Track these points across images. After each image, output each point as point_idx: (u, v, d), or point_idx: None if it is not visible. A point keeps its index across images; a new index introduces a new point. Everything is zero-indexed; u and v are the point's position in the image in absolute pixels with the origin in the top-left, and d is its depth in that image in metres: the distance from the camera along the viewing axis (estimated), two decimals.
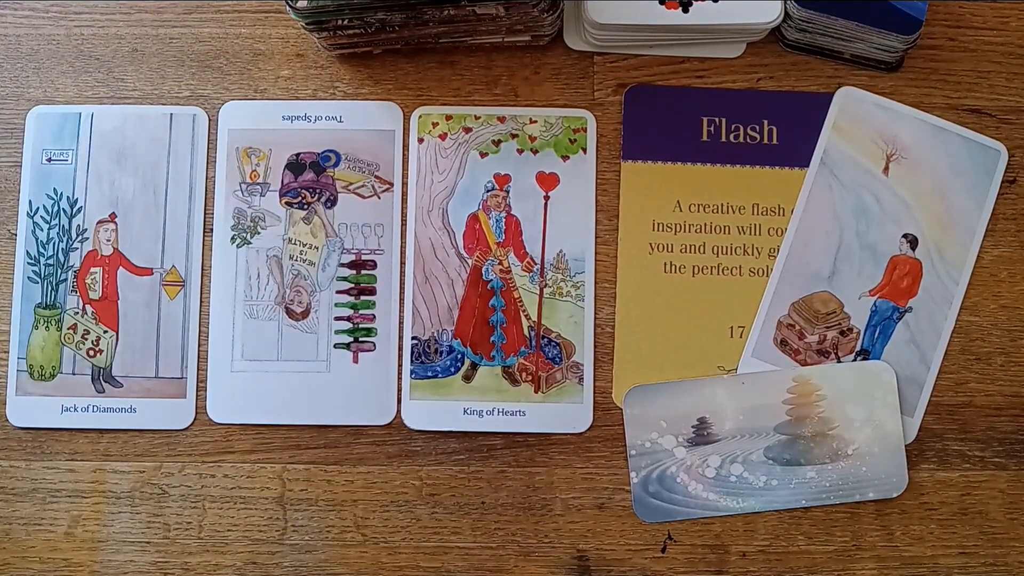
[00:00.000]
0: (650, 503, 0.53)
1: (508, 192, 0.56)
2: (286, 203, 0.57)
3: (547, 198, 0.56)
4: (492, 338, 0.55)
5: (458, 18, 0.52)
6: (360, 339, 0.56)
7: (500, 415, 0.55)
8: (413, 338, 0.55)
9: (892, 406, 0.53)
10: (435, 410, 0.55)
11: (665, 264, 0.56)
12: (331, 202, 0.56)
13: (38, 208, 0.57)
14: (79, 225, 0.56)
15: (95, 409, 0.55)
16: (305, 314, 0.56)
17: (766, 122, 0.57)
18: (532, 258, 0.56)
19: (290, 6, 0.50)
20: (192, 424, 0.55)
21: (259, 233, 0.56)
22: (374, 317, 0.56)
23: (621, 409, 0.54)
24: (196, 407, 0.55)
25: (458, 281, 0.56)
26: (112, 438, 0.55)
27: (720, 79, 0.57)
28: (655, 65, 0.57)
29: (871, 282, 0.55)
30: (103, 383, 0.55)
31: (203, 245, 0.56)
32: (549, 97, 0.57)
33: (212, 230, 0.56)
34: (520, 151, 0.57)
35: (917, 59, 0.57)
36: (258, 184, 0.57)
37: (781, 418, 0.53)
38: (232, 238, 0.56)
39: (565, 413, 0.55)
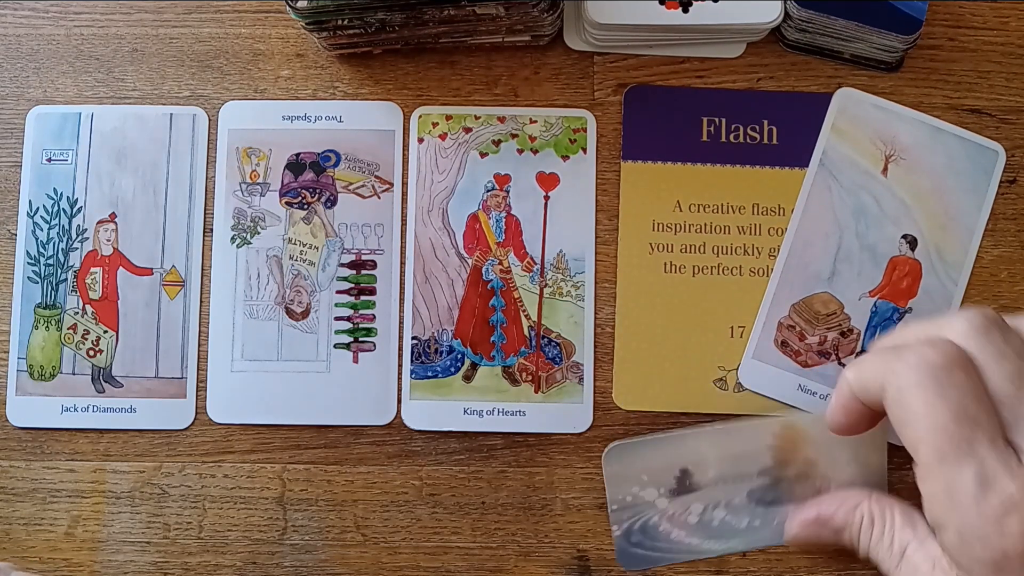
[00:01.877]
0: (634, 553, 0.53)
1: (508, 192, 0.56)
2: (286, 203, 0.57)
3: (547, 198, 0.56)
4: (492, 338, 0.55)
5: (458, 18, 0.52)
6: (360, 339, 0.56)
7: (500, 415, 0.55)
8: (413, 338, 0.55)
9: (880, 446, 0.52)
10: (435, 410, 0.55)
11: (665, 264, 0.56)
12: (331, 202, 0.57)
13: (38, 208, 0.57)
14: (79, 225, 0.56)
15: (95, 409, 0.55)
16: (305, 314, 0.56)
17: (766, 122, 0.57)
18: (532, 258, 0.56)
19: (290, 6, 0.50)
20: (192, 424, 0.55)
21: (259, 233, 0.56)
22: (374, 317, 0.56)
23: (621, 409, 0.54)
24: (196, 407, 0.55)
25: (458, 281, 0.56)
26: (112, 438, 0.55)
27: (720, 79, 0.57)
28: (655, 65, 0.57)
29: (871, 283, 0.55)
30: (103, 383, 0.55)
31: (203, 245, 0.56)
32: (549, 97, 0.57)
33: (212, 230, 0.56)
34: (520, 151, 0.57)
35: (917, 59, 0.57)
36: (258, 184, 0.57)
37: (765, 463, 0.52)
38: (232, 238, 0.56)
39: (565, 413, 0.55)
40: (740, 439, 0.52)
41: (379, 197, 0.57)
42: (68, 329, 0.56)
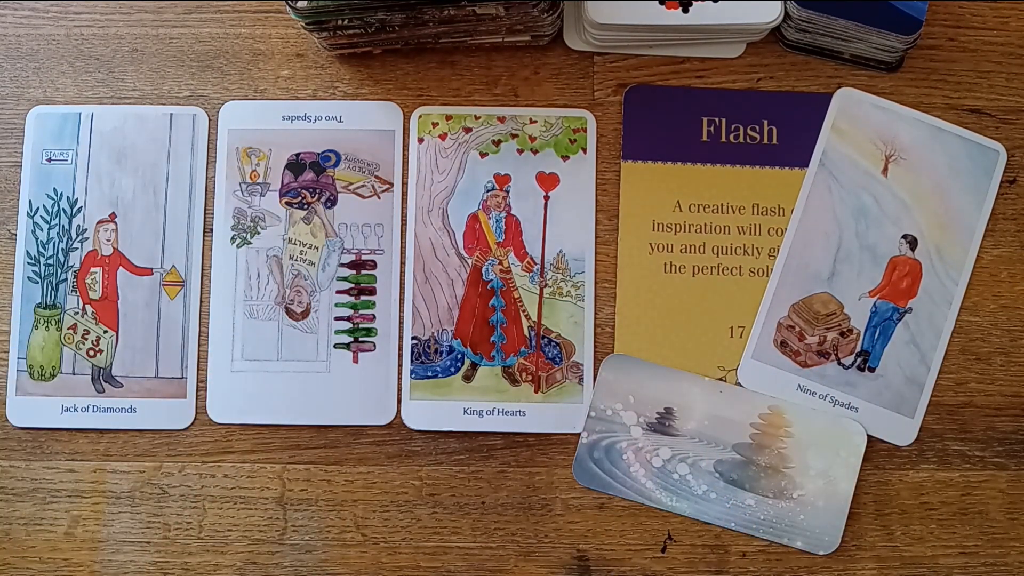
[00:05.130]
0: (590, 467, 0.54)
1: (508, 192, 0.56)
2: (286, 203, 0.57)
3: (547, 198, 0.56)
4: (492, 338, 0.55)
5: (458, 18, 0.52)
6: (360, 339, 0.56)
7: (500, 415, 0.55)
8: (413, 338, 0.55)
9: (853, 468, 0.53)
10: (435, 410, 0.55)
11: (665, 264, 0.56)
12: (331, 202, 0.56)
13: (38, 208, 0.57)
14: (79, 225, 0.56)
15: (95, 409, 0.55)
16: (305, 314, 0.56)
17: (766, 122, 0.57)
18: (532, 258, 0.56)
19: (290, 6, 0.50)
20: (192, 424, 0.55)
21: (259, 233, 0.56)
22: (374, 317, 0.56)
23: None
24: (196, 407, 0.55)
25: (458, 281, 0.56)
26: (112, 438, 0.55)
27: (720, 79, 0.57)
28: (655, 65, 0.57)
29: (871, 283, 0.55)
30: (103, 383, 0.55)
31: (203, 245, 0.56)
32: (549, 97, 0.57)
33: (212, 230, 0.56)
34: (520, 151, 0.57)
35: (917, 59, 0.57)
36: (258, 184, 0.57)
37: (743, 439, 0.53)
38: (232, 238, 0.56)
39: (565, 413, 0.55)
40: (731, 403, 0.54)
41: (379, 197, 0.57)
42: (68, 329, 0.56)
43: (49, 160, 0.57)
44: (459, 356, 0.55)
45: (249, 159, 0.57)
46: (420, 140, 0.57)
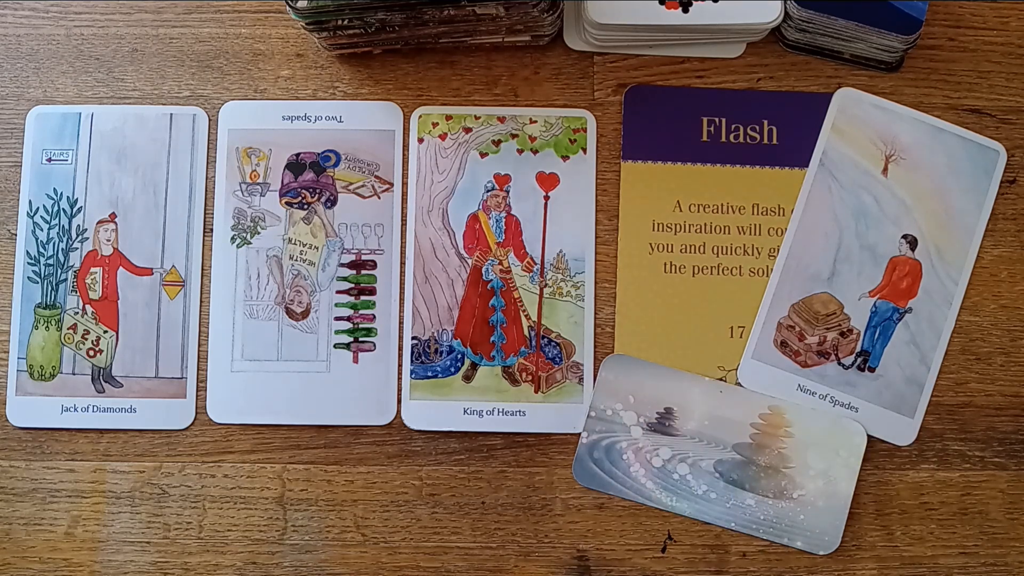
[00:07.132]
0: (590, 467, 0.54)
1: (508, 192, 0.56)
2: (286, 203, 0.57)
3: (547, 198, 0.56)
4: (492, 338, 0.55)
5: (458, 18, 0.52)
6: (360, 339, 0.56)
7: (500, 415, 0.55)
8: (413, 338, 0.55)
9: (852, 469, 0.53)
10: (435, 410, 0.55)
11: (665, 264, 0.56)
12: (331, 202, 0.57)
13: (38, 208, 0.57)
14: (79, 225, 0.56)
15: (95, 409, 0.55)
16: (305, 314, 0.56)
17: (766, 122, 0.57)
18: (532, 258, 0.56)
19: (290, 6, 0.50)
20: (192, 424, 0.55)
21: (259, 233, 0.56)
22: (374, 317, 0.56)
23: None
24: (196, 407, 0.55)
25: (458, 281, 0.56)
26: (112, 438, 0.55)
27: (720, 79, 0.57)
28: (655, 65, 0.57)
29: (871, 283, 0.55)
30: (103, 383, 0.55)
31: (203, 245, 0.56)
32: (549, 97, 0.57)
33: (212, 230, 0.56)
34: (520, 151, 0.57)
35: (917, 59, 0.57)
36: (258, 184, 0.57)
37: (743, 439, 0.54)
38: (232, 238, 0.56)
39: (565, 413, 0.55)
40: (731, 403, 0.54)
41: (379, 197, 0.57)
42: (68, 329, 0.56)
43: (49, 160, 0.57)
44: (459, 356, 0.55)
45: (249, 159, 0.57)
46: (420, 140, 0.57)
